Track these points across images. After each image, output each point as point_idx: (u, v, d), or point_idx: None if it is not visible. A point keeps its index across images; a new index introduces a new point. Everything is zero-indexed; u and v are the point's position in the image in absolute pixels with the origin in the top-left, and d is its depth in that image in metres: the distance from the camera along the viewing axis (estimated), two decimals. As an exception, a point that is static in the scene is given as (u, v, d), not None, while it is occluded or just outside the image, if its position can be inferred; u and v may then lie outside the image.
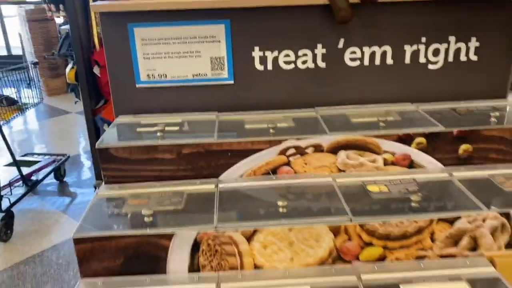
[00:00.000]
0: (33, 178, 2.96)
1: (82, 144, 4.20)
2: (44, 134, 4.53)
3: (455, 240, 0.86)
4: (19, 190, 2.91)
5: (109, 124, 2.76)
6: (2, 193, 2.58)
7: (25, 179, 2.88)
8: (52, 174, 3.23)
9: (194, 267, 0.84)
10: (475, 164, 1.01)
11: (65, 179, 3.32)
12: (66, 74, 3.04)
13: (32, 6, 5.12)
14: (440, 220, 0.84)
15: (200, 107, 1.17)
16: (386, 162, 1.01)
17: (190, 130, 1.07)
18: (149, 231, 0.82)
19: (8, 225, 2.53)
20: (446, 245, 0.86)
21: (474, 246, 0.86)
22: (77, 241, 0.81)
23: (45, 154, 3.30)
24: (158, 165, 0.99)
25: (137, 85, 1.16)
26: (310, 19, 1.13)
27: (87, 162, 3.79)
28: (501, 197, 0.90)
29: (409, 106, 1.17)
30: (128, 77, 1.16)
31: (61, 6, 3.00)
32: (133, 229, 0.83)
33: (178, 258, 0.83)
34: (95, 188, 3.23)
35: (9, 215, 2.56)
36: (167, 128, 1.05)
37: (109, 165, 0.99)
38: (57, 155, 3.27)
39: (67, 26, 4.99)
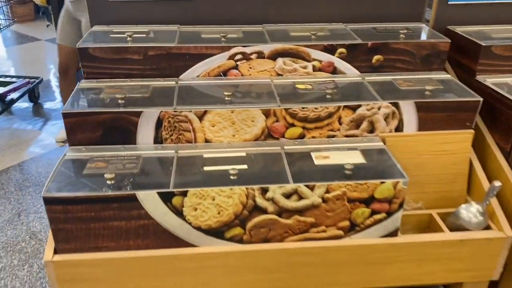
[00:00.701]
0: (8, 98, 3.10)
1: (53, 70, 4.29)
2: (14, 59, 4.57)
3: (357, 124, 1.13)
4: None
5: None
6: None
7: (1, 97, 3.02)
8: (27, 96, 3.36)
9: (158, 140, 1.09)
10: (384, 72, 1.28)
11: (38, 101, 3.46)
12: (37, -4, 3.10)
13: None
14: (345, 107, 1.11)
15: (164, 21, 1.37)
16: (314, 68, 1.26)
17: (155, 37, 1.28)
18: (122, 109, 1.06)
19: None
20: (350, 128, 1.13)
21: (372, 129, 1.14)
22: (65, 115, 1.04)
23: (19, 77, 3.43)
24: (128, 65, 1.21)
25: (109, -1, 1.34)
26: None
27: (57, 89, 3.91)
28: (396, 93, 1.17)
29: (339, 25, 1.40)
30: (101, -9, 1.33)
31: None
32: (109, 107, 1.06)
33: (145, 131, 1.08)
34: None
35: None
36: (135, 36, 1.25)
37: (87, 63, 1.20)
38: (31, 77, 3.40)
39: None
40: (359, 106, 1.11)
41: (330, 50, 1.24)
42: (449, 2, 1.43)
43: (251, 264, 1.02)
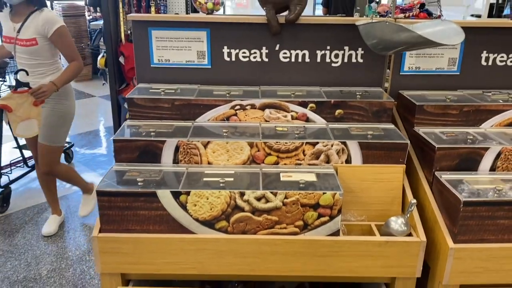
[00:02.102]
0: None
1: (103, 121, 4.98)
2: (72, 112, 5.28)
3: (316, 156, 1.57)
4: (21, 171, 3.24)
5: (128, 102, 3.47)
6: (3, 171, 2.92)
7: (26, 160, 3.28)
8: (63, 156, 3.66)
9: (175, 161, 1.57)
10: (344, 122, 1.73)
11: (85, 149, 4.00)
12: (98, 61, 3.80)
13: (66, 3, 5.91)
14: (307, 143, 1.56)
15: (188, 81, 1.91)
16: (292, 117, 1.73)
17: (181, 92, 1.80)
18: (152, 138, 1.56)
19: (5, 199, 2.90)
20: (312, 158, 1.57)
21: (328, 161, 1.58)
22: (115, 141, 1.55)
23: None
24: (160, 110, 1.72)
25: (151, 65, 1.90)
26: (258, 31, 1.85)
27: (104, 138, 4.54)
28: (347, 136, 1.61)
29: (316, 88, 1.89)
30: (146, 60, 1.89)
31: (98, 8, 3.77)
32: (144, 137, 1.56)
33: (167, 155, 1.56)
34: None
35: (7, 191, 2.92)
36: (166, 91, 1.78)
37: (132, 108, 1.72)
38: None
39: (95, 23, 5.86)
40: (317, 143, 1.56)
41: (303, 104, 1.72)
42: (400, 73, 1.90)
43: (233, 250, 1.43)
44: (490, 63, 1.90)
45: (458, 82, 1.91)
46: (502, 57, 1.90)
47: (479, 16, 5.14)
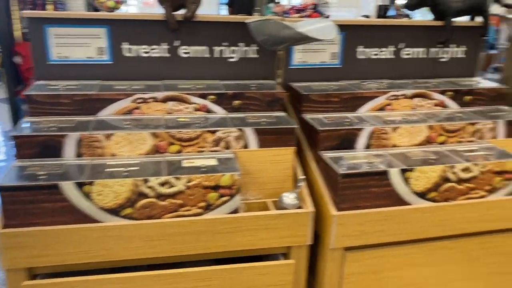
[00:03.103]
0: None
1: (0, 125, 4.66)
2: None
3: (217, 143, 1.71)
4: None
5: (27, 103, 3.34)
6: None
7: None
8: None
9: (79, 155, 1.60)
10: (242, 111, 1.88)
11: None
12: (-9, 61, 3.58)
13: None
14: (208, 131, 1.68)
15: (90, 78, 1.93)
16: (195, 109, 1.85)
17: (81, 88, 1.82)
18: (53, 133, 1.57)
19: None
20: (213, 145, 1.70)
21: (228, 147, 1.72)
22: (15, 137, 1.54)
23: None
24: (60, 106, 1.73)
25: (49, 62, 1.89)
26: (157, 27, 1.93)
27: (2, 142, 4.29)
28: (245, 123, 1.77)
29: (216, 81, 2.02)
30: (44, 57, 1.88)
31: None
32: (44, 132, 1.57)
33: (69, 149, 1.59)
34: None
35: None
36: (67, 87, 1.80)
37: (31, 105, 1.72)
38: None
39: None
40: (216, 131, 1.69)
41: (204, 96, 1.84)
42: (290, 67, 2.10)
43: (139, 235, 1.51)
44: (365, 56, 2.18)
45: (340, 74, 2.17)
46: (375, 51, 2.19)
47: (368, 17, 5.67)
